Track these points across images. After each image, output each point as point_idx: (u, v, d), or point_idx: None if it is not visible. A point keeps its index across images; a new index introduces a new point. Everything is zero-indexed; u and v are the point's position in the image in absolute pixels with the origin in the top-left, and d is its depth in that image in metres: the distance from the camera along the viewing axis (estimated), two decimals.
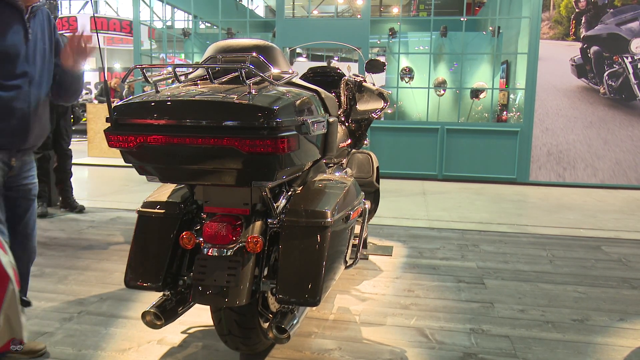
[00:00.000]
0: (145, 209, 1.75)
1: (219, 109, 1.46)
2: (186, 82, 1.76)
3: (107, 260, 3.09)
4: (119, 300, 2.46)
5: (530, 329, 2.21)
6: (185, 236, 1.65)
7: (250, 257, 1.60)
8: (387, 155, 6.52)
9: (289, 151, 1.47)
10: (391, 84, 8.63)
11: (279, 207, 1.69)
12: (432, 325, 2.23)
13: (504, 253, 3.38)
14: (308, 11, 13.11)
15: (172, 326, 1.87)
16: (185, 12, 10.75)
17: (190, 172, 1.58)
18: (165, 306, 1.70)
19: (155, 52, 10.32)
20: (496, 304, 2.49)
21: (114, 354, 1.93)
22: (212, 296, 1.56)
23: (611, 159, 6.36)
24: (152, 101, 1.52)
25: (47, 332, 2.10)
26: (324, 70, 3.07)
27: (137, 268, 1.69)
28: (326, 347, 2.01)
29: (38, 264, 2.96)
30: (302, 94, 1.70)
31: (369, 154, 2.97)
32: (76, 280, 2.72)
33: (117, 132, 1.51)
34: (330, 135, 1.86)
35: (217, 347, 1.97)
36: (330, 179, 1.96)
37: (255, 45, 1.88)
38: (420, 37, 9.05)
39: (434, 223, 4.22)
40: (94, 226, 3.92)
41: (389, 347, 2.02)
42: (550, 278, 2.88)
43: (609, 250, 3.48)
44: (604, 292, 2.68)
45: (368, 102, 2.87)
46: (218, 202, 1.68)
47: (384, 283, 2.75)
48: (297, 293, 1.55)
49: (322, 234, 1.61)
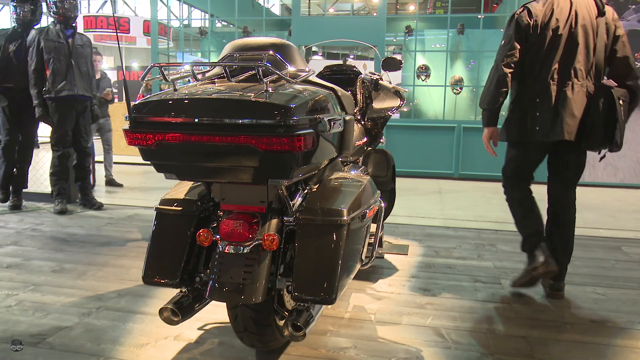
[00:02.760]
0: (163, 206, 1.77)
1: (236, 107, 1.47)
2: (203, 81, 1.77)
3: (125, 256, 3.13)
4: (137, 296, 2.49)
5: (548, 330, 2.19)
6: (202, 233, 1.66)
7: (267, 255, 1.61)
8: (403, 154, 6.49)
9: (305, 149, 1.47)
10: (407, 82, 8.59)
11: (295, 205, 1.70)
12: (448, 325, 2.22)
13: (522, 253, 3.33)
14: (324, 9, 13.10)
15: (188, 322, 1.89)
16: (202, 11, 10.83)
17: (208, 170, 1.59)
18: (182, 303, 1.72)
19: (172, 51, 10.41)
20: (513, 304, 2.46)
21: (131, 349, 1.96)
22: (229, 293, 1.57)
23: (632, 158, 6.24)
24: (170, 99, 1.54)
25: (67, 327, 2.13)
26: (340, 68, 3.06)
27: (154, 264, 1.71)
28: (341, 346, 2.01)
29: (57, 260, 3.01)
30: (318, 92, 1.70)
31: (385, 152, 2.95)
32: (95, 276, 2.76)
33: (135, 130, 1.53)
34: (346, 134, 1.86)
35: (233, 343, 1.98)
36: (346, 177, 1.95)
37: (272, 43, 1.88)
38: (437, 35, 8.99)
39: (450, 222, 4.19)
40: (112, 223, 3.97)
41: (404, 346, 2.02)
42: (568, 279, 2.84)
43: (630, 251, 3.42)
44: (624, 294, 2.63)
45: (384, 100, 2.86)
46: (235, 200, 1.69)
47: (399, 282, 2.74)
48: (313, 291, 1.55)
49: (338, 232, 1.61)
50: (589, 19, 2.37)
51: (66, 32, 4.21)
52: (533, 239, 2.52)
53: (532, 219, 2.58)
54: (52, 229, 3.74)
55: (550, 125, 2.39)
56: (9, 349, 1.93)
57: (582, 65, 2.38)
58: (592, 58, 2.39)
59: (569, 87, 2.37)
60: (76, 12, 4.29)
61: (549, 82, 2.40)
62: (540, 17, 2.39)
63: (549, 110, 2.39)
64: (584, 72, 2.38)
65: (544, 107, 2.41)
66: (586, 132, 2.37)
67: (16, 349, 1.93)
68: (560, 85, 2.39)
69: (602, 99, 2.34)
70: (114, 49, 16.80)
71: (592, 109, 2.36)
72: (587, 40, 2.37)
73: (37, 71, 4.13)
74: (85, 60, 4.32)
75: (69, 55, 4.18)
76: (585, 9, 2.38)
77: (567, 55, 2.38)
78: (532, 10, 2.42)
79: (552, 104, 2.39)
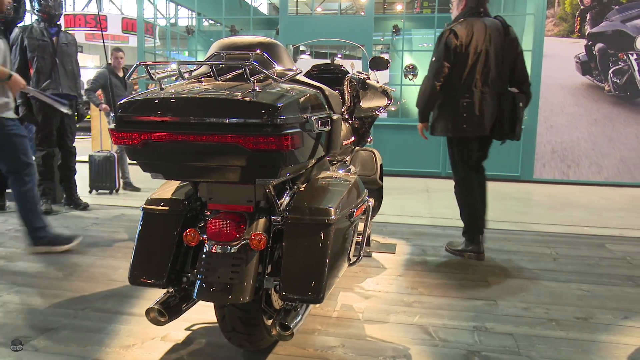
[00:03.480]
0: (149, 206, 1.76)
1: (223, 106, 1.46)
2: (190, 80, 1.76)
3: (111, 257, 3.10)
4: (123, 296, 2.47)
5: (533, 327, 2.21)
6: (189, 233, 1.65)
7: (254, 254, 1.61)
8: (390, 153, 6.51)
9: (292, 148, 1.47)
10: (395, 81, 8.61)
11: (283, 205, 1.69)
12: (435, 323, 2.23)
13: (508, 251, 3.37)
14: (311, 8, 13.10)
15: (176, 323, 1.88)
16: (189, 10, 10.76)
17: (194, 169, 1.58)
18: (169, 303, 1.71)
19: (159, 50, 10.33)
20: (500, 302, 2.48)
21: (118, 350, 1.94)
22: (216, 293, 1.56)
23: (616, 156, 6.33)
24: (157, 98, 1.53)
25: (52, 329, 2.11)
26: (327, 67, 3.07)
27: (141, 265, 1.70)
28: (329, 344, 2.01)
29: (42, 261, 2.98)
30: (306, 92, 1.70)
31: (372, 151, 2.96)
32: (80, 277, 2.73)
33: (121, 129, 1.51)
34: (334, 133, 1.86)
35: (220, 343, 1.98)
36: (333, 177, 1.95)
37: (259, 42, 1.88)
38: (424, 35, 9.04)
39: (438, 221, 4.21)
40: (98, 223, 3.93)
41: (392, 344, 2.03)
42: (554, 276, 2.88)
43: (614, 248, 3.47)
44: (608, 290, 2.67)
45: (372, 99, 2.86)
46: (222, 200, 1.68)
47: (387, 280, 2.75)
48: (301, 290, 1.55)
49: (326, 231, 1.61)
50: (499, 39, 2.97)
51: (50, 30, 4.16)
52: (475, 228, 3.16)
53: (477, 211, 3.17)
54: None
55: (477, 123, 2.99)
56: (9, 349, 1.91)
57: (494, 75, 2.98)
58: (502, 70, 3.00)
59: (486, 93, 2.98)
60: (60, 10, 4.24)
61: (473, 90, 2.97)
62: (464, 38, 2.94)
63: (474, 112, 2.97)
64: (495, 80, 2.99)
65: (470, 109, 2.97)
66: (497, 127, 3.04)
67: (16, 349, 1.91)
68: (481, 92, 2.97)
69: (508, 102, 2.99)
70: (99, 48, 16.63)
71: (501, 109, 3.00)
72: (497, 55, 2.97)
73: (21, 70, 4.07)
74: (71, 59, 4.27)
75: (54, 53, 4.13)
76: (496, 30, 2.98)
77: (484, 68, 2.96)
78: (457, 32, 2.94)
79: (476, 107, 2.97)
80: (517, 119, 2.99)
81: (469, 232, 3.18)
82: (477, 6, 3.04)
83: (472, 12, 3.03)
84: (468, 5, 3.05)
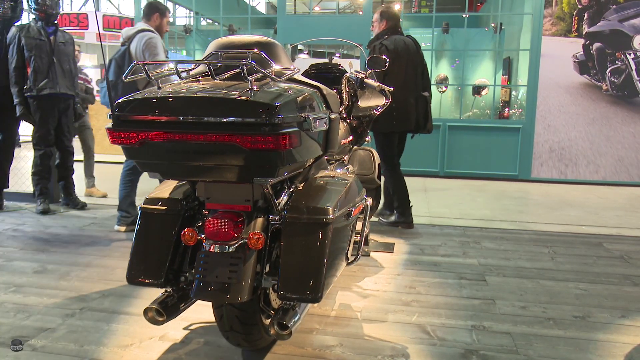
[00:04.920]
0: (147, 205, 1.76)
1: (220, 106, 1.46)
2: (188, 79, 1.76)
3: (109, 256, 3.09)
4: (121, 296, 2.46)
5: (531, 326, 2.21)
6: (187, 233, 1.65)
7: (252, 254, 1.60)
8: None
9: (290, 148, 1.46)
10: None
11: (281, 204, 1.69)
12: (433, 322, 2.23)
13: (506, 250, 3.38)
14: (309, 7, 13.09)
15: (174, 322, 1.88)
16: (187, 9, 10.75)
17: (192, 169, 1.58)
18: (167, 302, 1.71)
19: None
20: (498, 301, 2.49)
21: (116, 350, 1.94)
22: (214, 292, 1.56)
23: (613, 155, 6.34)
24: (154, 98, 1.52)
25: (50, 328, 2.10)
26: (325, 66, 3.06)
27: (139, 264, 1.70)
28: (327, 344, 2.01)
29: (40, 260, 2.97)
30: (303, 91, 1.70)
31: (370, 150, 2.96)
32: (78, 277, 2.73)
33: (118, 129, 1.51)
34: (331, 132, 1.86)
35: (218, 343, 1.98)
36: (331, 176, 1.95)
37: (257, 41, 1.87)
38: (422, 34, 9.02)
39: (436, 220, 4.22)
40: (96, 223, 3.92)
41: (390, 343, 2.03)
42: (551, 275, 2.88)
43: (611, 247, 3.47)
44: (605, 289, 2.68)
45: (370, 98, 2.86)
46: (220, 199, 1.68)
47: (385, 280, 2.76)
48: (299, 289, 1.55)
49: (324, 230, 1.61)
50: (415, 51, 3.74)
51: (48, 29, 4.15)
52: (406, 203, 3.85)
53: (406, 190, 3.84)
54: (35, 229, 3.68)
55: (403, 119, 3.67)
56: (9, 349, 1.91)
57: (414, 81, 3.71)
58: (419, 76, 3.74)
59: (412, 96, 3.69)
60: (58, 9, 4.22)
61: (403, 93, 3.59)
62: (393, 51, 3.60)
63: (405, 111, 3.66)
64: (415, 85, 3.71)
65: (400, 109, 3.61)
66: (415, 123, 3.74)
67: (16, 349, 1.91)
68: (409, 96, 3.67)
69: (423, 102, 3.74)
70: (96, 47, 16.62)
71: (418, 109, 3.73)
72: (416, 65, 3.72)
73: (18, 69, 4.06)
74: (68, 58, 4.26)
75: (51, 52, 4.12)
76: (414, 45, 3.76)
77: (409, 76, 3.68)
78: (387, 46, 3.63)
79: (407, 107, 3.66)
80: (429, 115, 3.79)
81: (400, 207, 3.84)
82: (395, 26, 3.80)
83: (392, 30, 3.77)
84: (389, 25, 3.79)
